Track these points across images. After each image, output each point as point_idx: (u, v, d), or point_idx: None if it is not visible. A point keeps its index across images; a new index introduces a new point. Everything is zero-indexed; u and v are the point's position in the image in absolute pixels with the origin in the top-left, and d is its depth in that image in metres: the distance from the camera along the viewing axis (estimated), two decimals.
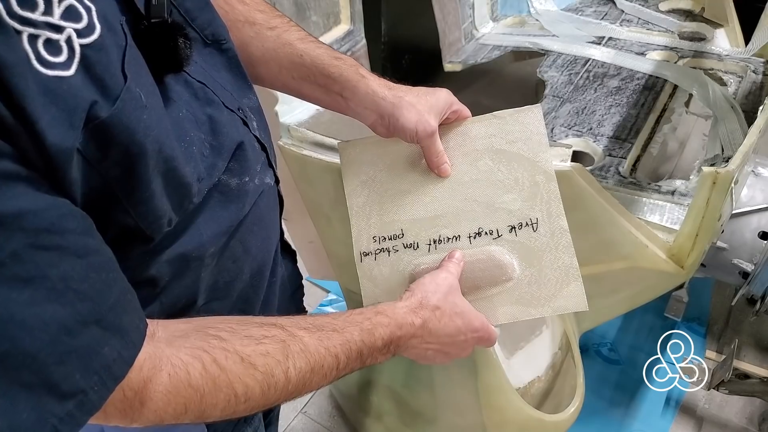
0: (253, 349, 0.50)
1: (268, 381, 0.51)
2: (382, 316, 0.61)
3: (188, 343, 0.48)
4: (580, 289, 0.72)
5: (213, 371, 0.48)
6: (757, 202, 1.14)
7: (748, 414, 1.53)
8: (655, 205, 1.08)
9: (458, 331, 0.66)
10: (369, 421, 1.39)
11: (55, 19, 0.38)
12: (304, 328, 0.55)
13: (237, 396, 0.49)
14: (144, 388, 0.44)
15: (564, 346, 1.13)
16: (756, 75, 1.41)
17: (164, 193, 0.49)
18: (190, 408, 0.47)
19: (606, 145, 1.24)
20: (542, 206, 0.75)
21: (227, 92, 0.59)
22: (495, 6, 1.76)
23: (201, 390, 0.47)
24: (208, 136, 0.55)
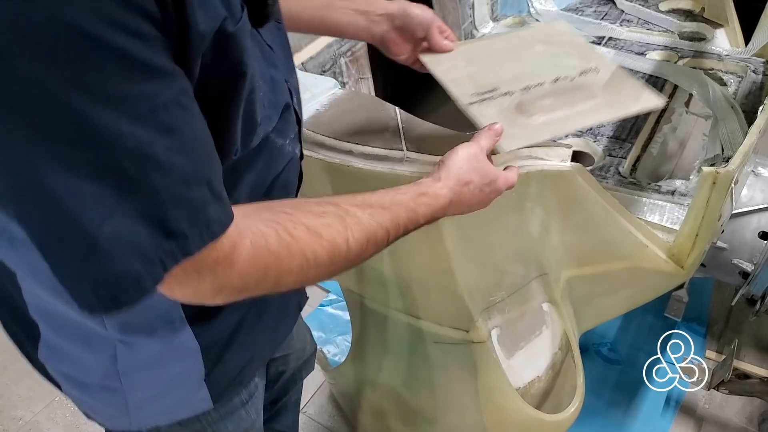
0: (316, 221, 0.56)
1: (333, 248, 0.56)
2: (425, 197, 0.67)
3: (260, 216, 0.53)
4: (654, 95, 0.82)
5: (286, 239, 0.52)
6: (757, 202, 1.14)
7: (748, 414, 1.53)
8: (655, 205, 1.08)
9: (485, 194, 0.74)
10: (369, 421, 1.39)
11: None
12: (356, 205, 0.60)
13: (308, 261, 0.54)
14: (232, 251, 0.49)
15: (564, 346, 1.13)
16: (756, 75, 1.42)
17: (242, 120, 0.55)
18: (270, 273, 0.52)
19: (606, 145, 1.24)
20: (596, 60, 0.88)
21: (283, 64, 0.66)
22: (495, 6, 1.76)
23: (278, 255, 0.52)
24: (271, 91, 0.61)
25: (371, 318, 1.15)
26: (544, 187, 0.93)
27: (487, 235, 0.94)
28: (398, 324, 1.10)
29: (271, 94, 0.61)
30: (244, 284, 0.51)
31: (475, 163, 0.72)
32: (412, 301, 1.03)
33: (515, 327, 1.06)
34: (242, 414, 0.81)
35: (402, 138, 0.90)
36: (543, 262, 1.02)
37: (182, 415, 0.73)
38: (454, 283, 0.94)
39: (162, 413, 0.72)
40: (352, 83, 1.37)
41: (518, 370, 1.08)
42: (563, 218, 0.98)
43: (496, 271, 0.99)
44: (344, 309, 1.63)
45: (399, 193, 0.65)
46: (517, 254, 0.99)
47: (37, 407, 1.67)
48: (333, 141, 0.91)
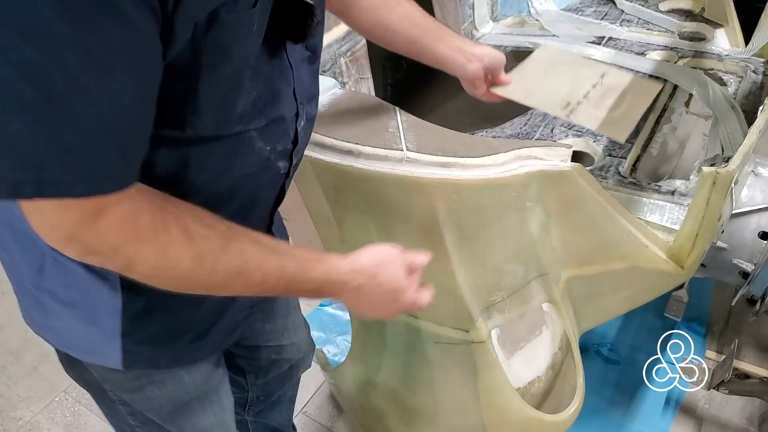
0: (197, 230, 0.56)
1: (196, 261, 0.56)
2: (323, 264, 0.66)
3: (152, 198, 0.54)
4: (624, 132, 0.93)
5: (158, 228, 0.53)
6: (757, 202, 1.14)
7: (748, 414, 1.53)
8: (655, 205, 1.08)
9: (386, 301, 0.73)
10: (369, 421, 1.39)
11: None
12: (252, 239, 0.61)
13: (166, 257, 0.54)
14: (105, 207, 0.50)
15: (564, 346, 1.13)
16: (756, 75, 1.41)
17: (217, 101, 0.57)
18: (124, 249, 0.52)
19: (606, 145, 1.24)
20: (598, 67, 1.03)
21: (302, 87, 0.69)
22: (495, 6, 1.76)
23: (141, 237, 0.52)
24: (268, 99, 0.63)
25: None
26: (544, 187, 0.93)
27: (487, 236, 0.94)
28: (398, 324, 1.10)
29: (270, 105, 0.63)
30: (96, 245, 0.51)
31: (389, 266, 0.72)
32: None
33: (515, 327, 1.06)
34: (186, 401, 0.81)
35: (402, 138, 0.90)
36: (543, 262, 1.02)
37: (91, 358, 0.73)
38: (454, 283, 0.94)
39: (73, 344, 0.73)
40: (352, 83, 1.37)
41: (518, 370, 1.08)
42: (563, 218, 0.98)
43: (496, 271, 0.99)
44: (344, 309, 1.64)
45: (300, 249, 0.66)
46: (517, 254, 0.99)
47: (37, 407, 1.67)
48: (333, 141, 0.91)
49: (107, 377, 0.76)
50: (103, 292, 0.66)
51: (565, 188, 0.94)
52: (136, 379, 0.76)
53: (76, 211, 0.49)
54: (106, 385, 0.78)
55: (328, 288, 0.67)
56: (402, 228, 0.94)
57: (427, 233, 0.91)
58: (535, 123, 1.30)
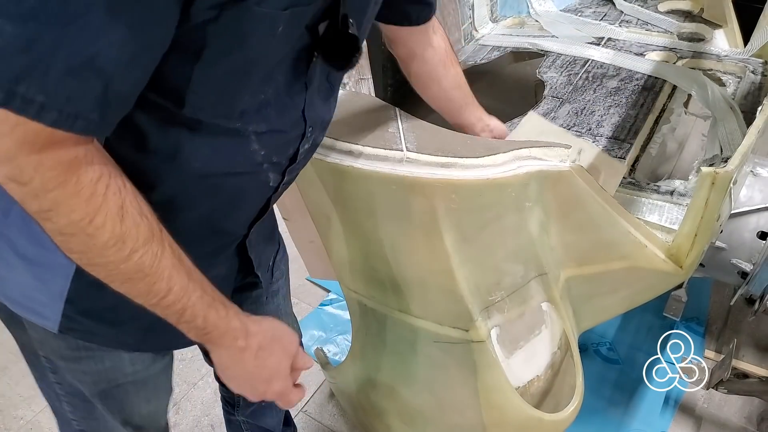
0: (133, 212, 0.55)
1: (117, 240, 0.54)
2: (223, 309, 0.65)
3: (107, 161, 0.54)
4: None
5: (99, 190, 0.52)
6: (755, 202, 1.14)
7: (747, 413, 1.53)
8: (654, 205, 1.08)
9: (260, 377, 0.71)
10: (369, 420, 1.39)
11: None
12: (175, 251, 0.60)
13: (90, 221, 0.53)
14: (60, 142, 0.49)
15: (563, 346, 1.13)
16: (755, 75, 1.42)
17: (220, 87, 0.58)
18: (56, 194, 0.50)
19: (605, 145, 1.24)
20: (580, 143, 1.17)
21: (314, 113, 0.71)
22: (494, 7, 1.77)
23: (79, 189, 0.51)
24: (275, 110, 0.65)
25: (371, 317, 1.15)
26: (544, 187, 0.93)
27: (487, 235, 0.95)
28: (398, 323, 1.10)
29: (275, 113, 0.65)
30: (29, 175, 0.49)
31: (280, 346, 0.71)
32: (411, 300, 1.03)
33: (515, 326, 1.06)
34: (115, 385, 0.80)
35: (402, 138, 0.91)
36: (542, 262, 1.02)
37: (29, 315, 0.72)
38: (454, 282, 0.95)
39: (14, 297, 0.72)
40: (353, 84, 1.37)
41: (517, 370, 1.08)
42: (562, 218, 0.99)
43: (496, 271, 1.00)
44: (344, 308, 1.64)
45: (211, 288, 0.64)
46: (516, 254, 0.99)
47: (38, 406, 1.68)
48: (333, 141, 0.91)
49: (47, 342, 0.75)
50: (62, 253, 0.65)
51: (565, 188, 0.94)
52: (76, 350, 0.75)
53: (28, 133, 0.48)
54: (42, 350, 0.77)
55: (215, 335, 0.65)
56: (402, 228, 0.94)
57: (427, 233, 0.91)
58: None
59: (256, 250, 0.85)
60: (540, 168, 0.91)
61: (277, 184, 0.73)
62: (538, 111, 1.35)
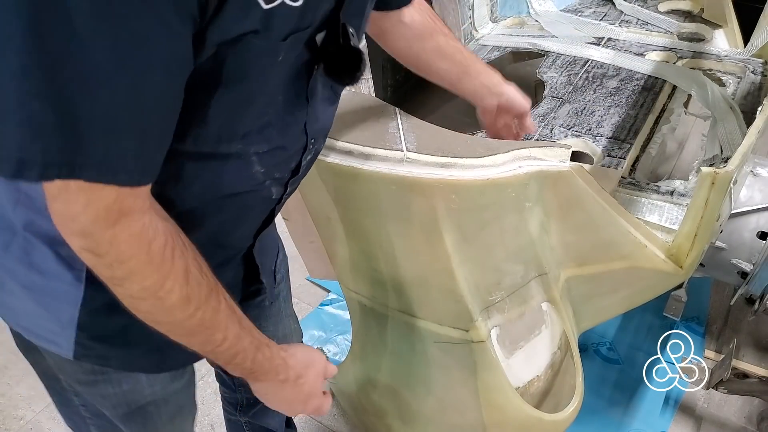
0: (195, 272, 0.58)
1: (184, 300, 0.57)
2: (268, 349, 0.70)
3: (168, 226, 0.56)
4: None
5: (167, 255, 0.55)
6: (755, 202, 1.14)
7: (747, 413, 1.53)
8: (654, 205, 1.08)
9: (297, 400, 0.78)
10: (370, 420, 1.39)
11: None
12: (228, 302, 0.63)
13: (161, 285, 0.55)
14: (122, 216, 0.51)
15: (563, 346, 1.13)
16: (755, 75, 1.42)
17: (222, 118, 0.58)
18: (130, 264, 0.53)
19: (605, 145, 1.24)
20: None
21: (318, 122, 0.71)
22: (494, 7, 1.77)
23: (152, 257, 0.54)
24: (277, 129, 0.65)
25: (371, 317, 1.16)
26: (544, 188, 0.93)
27: (487, 235, 0.95)
28: (398, 323, 1.10)
29: (276, 132, 0.65)
30: (106, 248, 0.52)
31: (313, 371, 0.77)
32: (411, 300, 1.03)
33: (515, 326, 1.06)
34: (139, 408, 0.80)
35: (402, 138, 0.91)
36: (542, 262, 1.02)
37: (42, 343, 0.72)
38: (454, 282, 0.95)
39: (27, 326, 0.72)
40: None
41: (518, 370, 1.08)
42: (562, 218, 0.99)
43: (496, 271, 1.00)
44: (344, 308, 1.64)
45: (257, 331, 0.68)
46: (516, 254, 0.99)
47: (39, 407, 1.68)
48: (333, 141, 0.91)
49: (62, 367, 0.75)
50: (66, 281, 0.66)
51: (565, 188, 0.94)
52: (91, 374, 0.75)
53: (99, 208, 0.50)
54: (62, 375, 0.77)
55: (260, 373, 0.70)
56: (402, 228, 0.94)
57: (427, 233, 0.92)
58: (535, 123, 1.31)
59: (261, 257, 0.85)
60: (540, 168, 0.91)
61: (280, 196, 0.74)
62: (538, 111, 1.35)
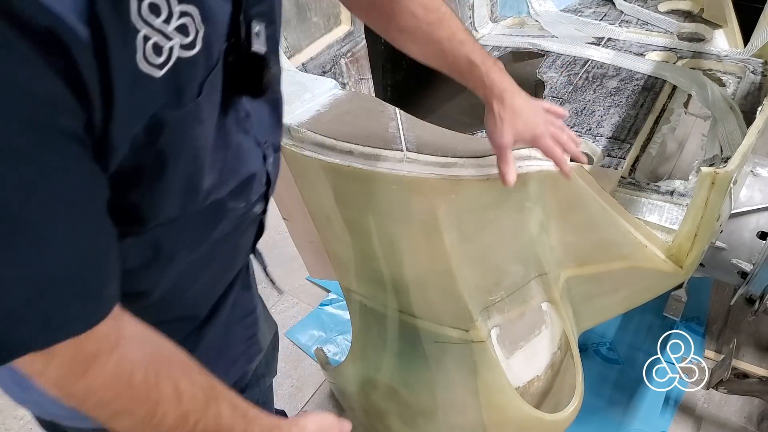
0: (187, 387, 0.55)
1: (181, 419, 0.55)
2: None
3: (145, 348, 0.52)
4: None
5: (151, 383, 0.52)
6: (755, 202, 1.14)
7: (747, 413, 1.53)
8: (654, 205, 1.08)
9: None
10: (369, 420, 1.39)
11: (169, 30, 0.45)
12: (229, 401, 0.60)
13: (153, 414, 0.52)
14: (94, 358, 0.47)
15: (563, 346, 1.13)
16: (755, 76, 1.42)
17: (179, 191, 0.55)
18: (115, 405, 0.50)
19: (605, 145, 1.24)
20: None
21: (263, 127, 0.67)
22: (494, 7, 1.77)
23: (135, 392, 0.51)
24: (233, 159, 0.61)
25: (371, 317, 1.16)
26: (544, 188, 0.93)
27: (487, 235, 0.95)
28: (398, 323, 1.10)
29: (234, 162, 0.61)
30: (84, 398, 0.49)
31: None
32: (411, 300, 1.03)
33: (514, 326, 1.06)
34: None
35: (402, 138, 0.91)
36: (542, 262, 1.02)
37: (78, 423, 0.71)
38: (454, 282, 0.95)
39: (58, 413, 0.71)
40: (353, 84, 1.37)
41: (517, 370, 1.08)
42: (562, 218, 0.99)
43: (496, 271, 1.00)
44: (344, 308, 1.64)
45: (261, 413, 0.65)
46: (516, 254, 0.99)
47: None
48: (333, 141, 0.91)
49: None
50: None
51: (564, 188, 0.94)
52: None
53: (62, 366, 0.46)
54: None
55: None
56: (402, 228, 0.94)
57: (427, 233, 0.92)
58: None
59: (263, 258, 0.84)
60: (540, 168, 0.91)
61: (264, 209, 0.73)
62: None
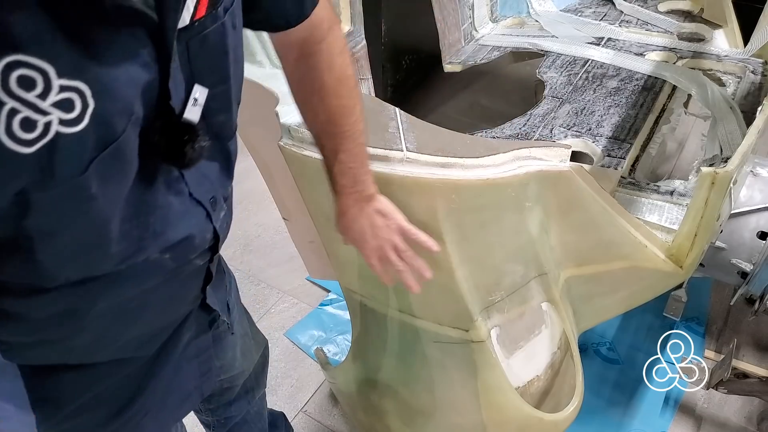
0: None
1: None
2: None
3: None
4: None
5: None
6: (755, 202, 1.14)
7: (746, 413, 1.53)
8: (654, 205, 1.08)
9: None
10: (369, 420, 1.39)
11: (45, 105, 0.41)
12: None
13: None
14: None
15: (563, 346, 1.13)
16: (755, 75, 1.42)
17: (74, 260, 0.53)
18: None
19: (605, 145, 1.24)
20: None
21: (207, 181, 0.64)
22: (494, 7, 1.77)
23: None
24: (158, 223, 0.58)
25: (371, 317, 1.16)
26: (544, 188, 0.93)
27: (487, 235, 0.95)
28: (398, 323, 1.10)
29: (161, 225, 0.58)
30: None
31: None
32: (411, 300, 1.03)
33: (514, 326, 1.06)
34: None
35: (402, 138, 0.91)
36: (542, 262, 1.02)
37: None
38: (454, 282, 0.95)
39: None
40: None
41: (517, 370, 1.08)
42: (562, 218, 0.99)
43: (496, 271, 1.00)
44: (344, 308, 1.64)
45: None
46: (516, 254, 0.99)
47: None
48: None
49: None
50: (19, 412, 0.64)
51: (564, 188, 0.94)
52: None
53: None
54: None
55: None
56: None
57: (427, 233, 0.92)
58: (534, 123, 1.31)
59: (213, 299, 0.80)
60: (540, 168, 0.91)
61: (209, 259, 0.70)
62: (538, 111, 1.35)
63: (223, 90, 0.59)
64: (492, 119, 1.37)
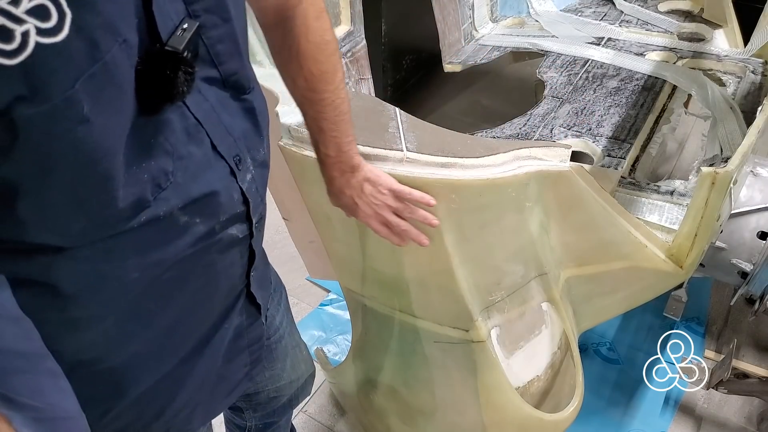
0: None
1: None
2: None
3: None
4: None
5: None
6: (755, 202, 1.14)
7: (746, 413, 1.53)
8: (654, 205, 1.08)
9: None
10: (369, 420, 1.39)
11: (18, 12, 0.40)
12: None
13: None
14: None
15: (563, 346, 1.13)
16: (755, 75, 1.42)
17: (80, 206, 0.51)
18: None
19: (605, 145, 1.24)
20: None
21: (230, 137, 0.62)
22: (494, 7, 1.77)
23: None
24: (179, 171, 0.56)
25: (371, 318, 1.16)
26: (544, 188, 0.93)
27: (487, 235, 0.95)
28: (398, 323, 1.10)
29: (181, 175, 0.57)
30: None
31: None
32: (412, 300, 1.03)
33: (515, 326, 1.06)
34: None
35: (402, 138, 0.91)
36: (542, 262, 1.02)
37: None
38: (454, 282, 0.95)
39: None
40: (353, 84, 1.37)
41: (518, 370, 1.08)
42: (562, 218, 0.99)
43: (496, 271, 1.00)
44: (344, 308, 1.64)
45: None
46: (516, 254, 0.99)
47: None
48: None
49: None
50: None
51: (564, 188, 0.94)
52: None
53: None
54: None
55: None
56: None
57: (427, 233, 0.92)
58: (535, 123, 1.31)
59: (259, 289, 0.79)
60: (540, 168, 0.91)
61: (248, 232, 0.68)
62: (538, 111, 1.35)
63: (228, 32, 0.58)
64: (492, 119, 1.37)
